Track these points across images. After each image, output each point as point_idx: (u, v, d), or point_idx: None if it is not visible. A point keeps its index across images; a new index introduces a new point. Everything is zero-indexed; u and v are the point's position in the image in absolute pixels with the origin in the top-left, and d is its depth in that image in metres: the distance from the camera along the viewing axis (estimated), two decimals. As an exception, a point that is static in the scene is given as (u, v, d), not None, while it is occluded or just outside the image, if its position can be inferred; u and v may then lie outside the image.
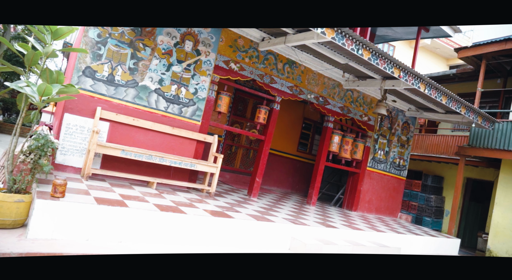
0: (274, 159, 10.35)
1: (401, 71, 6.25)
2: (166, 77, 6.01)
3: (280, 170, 10.55)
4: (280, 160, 10.49)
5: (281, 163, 10.51)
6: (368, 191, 9.43)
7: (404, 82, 6.64)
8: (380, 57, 5.90)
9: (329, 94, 8.27)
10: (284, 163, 10.58)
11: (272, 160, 10.29)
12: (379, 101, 7.48)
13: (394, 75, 6.19)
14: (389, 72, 6.09)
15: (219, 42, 6.51)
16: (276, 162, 10.40)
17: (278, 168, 10.48)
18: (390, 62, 6.07)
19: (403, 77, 6.30)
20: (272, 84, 7.29)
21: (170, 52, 6.02)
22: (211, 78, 6.47)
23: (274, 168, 10.37)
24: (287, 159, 10.62)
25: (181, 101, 6.19)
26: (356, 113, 8.88)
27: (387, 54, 5.87)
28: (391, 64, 6.11)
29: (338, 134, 8.55)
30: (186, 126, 6.28)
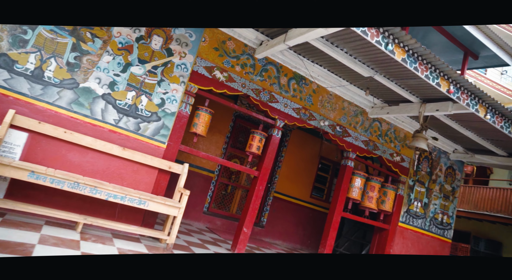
0: (281, 205, 8.31)
1: (451, 84, 4.36)
2: (120, 80, 4.45)
3: (288, 219, 8.43)
4: (288, 207, 8.42)
5: (289, 211, 8.43)
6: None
7: (454, 103, 4.72)
8: (419, 59, 4.09)
9: (350, 123, 6.40)
10: (293, 211, 8.49)
11: (278, 206, 8.26)
12: (416, 132, 5.51)
13: (440, 88, 4.30)
14: (433, 83, 4.22)
15: (200, 42, 4.99)
16: (283, 209, 8.34)
17: (285, 217, 8.38)
18: (434, 69, 4.23)
19: (455, 92, 4.39)
20: (271, 103, 5.57)
21: (130, 48, 4.52)
22: (185, 87, 4.86)
23: (279, 217, 8.28)
24: (297, 207, 8.54)
25: (139, 114, 4.56)
26: (385, 150, 6.87)
27: (431, 55, 4.04)
28: (437, 73, 4.26)
29: (361, 176, 6.51)
30: (145, 148, 4.58)
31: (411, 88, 5.25)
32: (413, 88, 5.22)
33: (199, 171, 7.33)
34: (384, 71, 4.95)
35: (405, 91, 5.38)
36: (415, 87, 5.16)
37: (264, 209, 8.16)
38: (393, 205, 6.96)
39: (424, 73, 4.14)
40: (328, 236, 6.19)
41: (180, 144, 4.88)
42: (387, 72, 4.94)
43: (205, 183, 7.40)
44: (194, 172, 7.26)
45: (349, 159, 6.43)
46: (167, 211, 4.31)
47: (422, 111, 5.40)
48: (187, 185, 6.99)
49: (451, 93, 4.37)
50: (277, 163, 8.29)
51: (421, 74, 4.12)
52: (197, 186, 7.29)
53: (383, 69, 4.87)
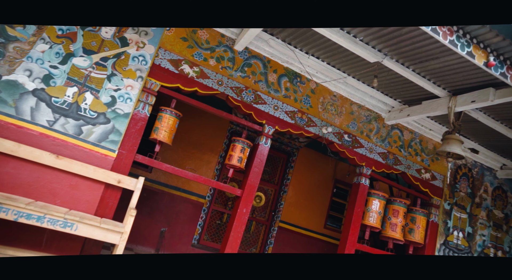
0: (288, 237, 6.95)
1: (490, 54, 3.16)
2: (59, 73, 3.62)
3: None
4: (298, 239, 7.04)
5: (298, 244, 7.03)
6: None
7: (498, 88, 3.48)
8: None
9: (361, 131, 5.19)
10: (304, 244, 7.08)
11: (285, 239, 6.91)
12: (447, 134, 4.21)
13: (473, 60, 3.11)
14: (462, 52, 3.05)
15: (164, 31, 4.14)
16: (291, 242, 6.96)
17: (294, 251, 6.97)
18: (463, 33, 3.07)
19: (497, 66, 3.17)
20: (257, 104, 4.53)
21: (73, 35, 3.73)
22: (143, 83, 3.96)
23: (287, 252, 6.90)
24: (308, 239, 7.13)
25: (82, 115, 3.66)
26: (410, 165, 5.51)
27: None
28: (467, 38, 3.09)
29: (379, 197, 5.15)
30: (88, 157, 3.62)
31: (433, 75, 4.05)
32: (436, 74, 4.02)
33: (187, 196, 6.25)
34: (394, 51, 3.82)
35: (427, 81, 4.17)
36: (439, 73, 3.95)
37: (268, 242, 6.84)
38: (425, 235, 5.45)
39: (447, 38, 2.98)
40: (340, 275, 4.76)
41: (136, 154, 3.89)
42: (399, 52, 3.80)
43: (194, 210, 6.29)
44: (181, 197, 6.20)
45: (362, 175, 5.13)
46: (104, 237, 3.23)
47: (452, 106, 4.14)
48: (172, 212, 5.93)
49: (491, 67, 3.14)
50: (282, 187, 7.06)
51: (444, 39, 2.96)
52: (184, 213, 6.19)
53: (394, 47, 3.75)
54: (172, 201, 6.12)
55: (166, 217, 6.04)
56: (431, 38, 3.27)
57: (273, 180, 7.18)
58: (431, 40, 3.35)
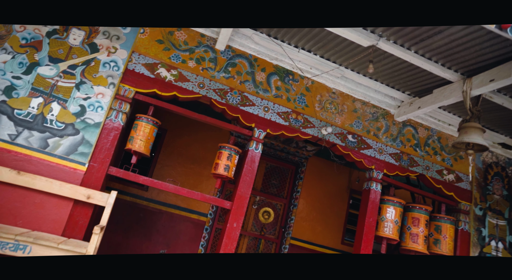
0: (302, 256, 6.29)
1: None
2: (22, 84, 3.39)
3: (315, 276, 6.32)
4: (312, 258, 6.37)
5: (314, 263, 6.35)
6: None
7: None
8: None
9: (368, 130, 4.63)
10: (320, 263, 6.39)
11: (299, 257, 6.26)
12: (464, 122, 3.59)
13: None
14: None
15: (137, 34, 3.87)
16: (305, 261, 6.30)
17: (310, 272, 6.29)
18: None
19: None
20: (244, 106, 4.12)
21: (38, 44, 3.52)
22: (116, 90, 3.66)
23: (301, 272, 6.23)
24: (324, 257, 6.44)
25: (48, 127, 3.38)
26: (429, 166, 4.84)
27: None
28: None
29: (394, 204, 4.50)
30: (54, 171, 3.31)
31: (440, 54, 3.50)
32: (443, 53, 3.46)
33: (187, 215, 5.83)
34: (390, 30, 3.32)
35: (434, 63, 3.62)
36: (446, 51, 3.40)
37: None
38: (455, 246, 4.70)
39: (442, 0, 2.48)
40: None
41: (110, 166, 3.55)
42: (395, 31, 3.30)
43: (196, 229, 5.83)
44: (181, 216, 5.78)
45: (372, 180, 4.52)
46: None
47: (467, 90, 3.54)
48: (172, 233, 5.51)
49: (507, 29, 2.58)
50: (291, 201, 6.50)
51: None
52: (184, 233, 5.75)
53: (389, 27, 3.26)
54: (171, 221, 5.71)
55: (165, 238, 5.62)
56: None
57: (281, 193, 6.64)
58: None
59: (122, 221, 5.45)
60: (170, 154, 5.93)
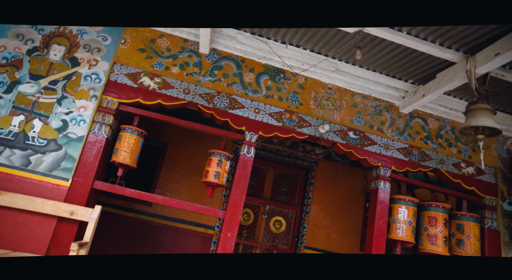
0: (318, 266, 5.92)
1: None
2: (3, 103, 3.38)
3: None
4: (330, 267, 5.97)
5: (331, 273, 5.95)
6: None
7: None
8: None
9: (371, 125, 4.31)
10: (339, 273, 5.99)
11: (315, 268, 5.89)
12: (471, 104, 3.22)
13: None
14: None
15: (119, 45, 3.81)
16: (322, 271, 5.92)
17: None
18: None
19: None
20: (233, 109, 3.93)
21: (18, 62, 3.52)
22: (98, 102, 3.58)
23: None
24: (342, 266, 6.03)
25: (30, 144, 3.33)
26: (444, 159, 4.43)
27: None
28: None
29: (407, 202, 4.11)
30: (37, 189, 3.24)
31: (436, 32, 3.18)
32: (439, 31, 3.15)
33: (193, 228, 5.63)
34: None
35: (430, 43, 3.29)
36: (442, 28, 3.09)
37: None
38: (482, 246, 4.22)
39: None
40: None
41: (96, 181, 3.43)
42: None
43: (203, 243, 5.62)
44: (187, 230, 5.60)
45: (380, 178, 4.17)
46: None
47: (471, 69, 3.19)
48: (178, 248, 5.34)
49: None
50: (303, 208, 6.18)
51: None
52: (191, 248, 5.54)
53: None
54: (177, 236, 5.53)
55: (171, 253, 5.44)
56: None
57: (292, 201, 6.34)
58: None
59: (126, 238, 5.33)
60: (172, 167, 5.80)
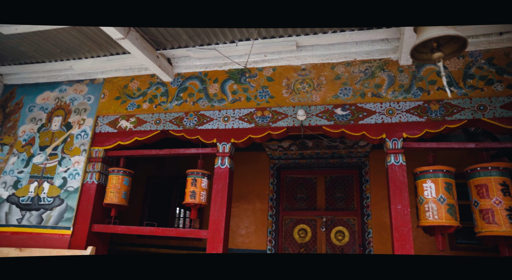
0: (400, 277, 4.80)
1: None
2: (23, 176, 4.13)
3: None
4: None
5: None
6: None
7: None
8: None
9: (362, 94, 3.52)
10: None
11: None
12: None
13: None
14: None
15: (99, 100, 4.27)
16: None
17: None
18: None
19: None
20: (202, 125, 3.82)
21: (32, 140, 4.30)
22: (87, 154, 4.01)
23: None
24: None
25: (42, 204, 3.92)
26: (485, 105, 3.21)
27: None
28: None
29: (432, 174, 3.07)
30: (48, 241, 3.74)
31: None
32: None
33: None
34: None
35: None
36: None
37: None
38: None
39: None
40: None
41: (93, 224, 3.75)
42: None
43: (258, 269, 5.28)
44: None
45: (388, 153, 3.28)
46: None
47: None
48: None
49: None
50: (363, 211, 5.27)
51: None
52: (247, 276, 5.27)
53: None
54: (230, 265, 5.38)
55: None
56: None
57: (351, 206, 5.49)
58: None
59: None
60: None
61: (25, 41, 3.91)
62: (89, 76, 4.41)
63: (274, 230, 5.49)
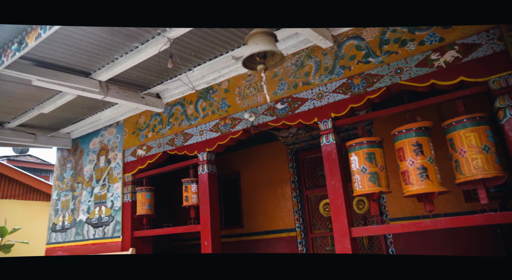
0: (411, 237, 4.84)
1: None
2: (91, 203, 5.70)
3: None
4: (425, 236, 4.73)
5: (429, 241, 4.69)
6: None
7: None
8: None
9: (294, 85, 3.86)
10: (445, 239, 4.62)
11: (408, 240, 4.87)
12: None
13: None
14: None
15: (123, 137, 5.55)
16: (417, 242, 4.77)
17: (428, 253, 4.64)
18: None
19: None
20: (187, 142, 4.69)
21: (91, 177, 5.86)
22: (122, 181, 5.33)
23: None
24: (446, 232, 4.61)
25: (103, 222, 5.41)
26: (401, 67, 3.23)
27: None
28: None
29: (355, 147, 3.28)
30: (109, 248, 5.18)
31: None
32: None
33: (278, 235, 6.09)
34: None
35: None
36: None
37: (389, 251, 5.07)
38: (502, 155, 2.67)
39: None
40: None
41: (134, 231, 5.03)
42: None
43: (290, 246, 5.92)
44: (273, 239, 6.12)
45: (321, 134, 3.59)
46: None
47: None
48: (271, 256, 6.03)
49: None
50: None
51: None
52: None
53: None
54: (267, 246, 6.14)
55: (271, 263, 6.07)
56: None
57: (365, 175, 5.61)
58: None
59: (237, 258, 6.46)
60: (250, 194, 6.65)
61: (66, 110, 5.36)
62: (114, 120, 5.72)
63: (300, 209, 6.01)
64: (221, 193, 7.24)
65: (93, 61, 3.91)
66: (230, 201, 6.99)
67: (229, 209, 7.00)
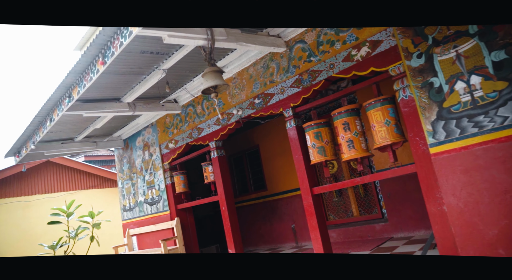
0: (396, 185, 5.83)
1: None
2: (145, 188, 7.49)
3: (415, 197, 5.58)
4: (410, 184, 5.69)
5: (414, 184, 5.66)
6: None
7: None
8: None
9: (264, 83, 4.97)
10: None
11: (393, 187, 5.87)
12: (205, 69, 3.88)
13: None
14: None
15: (158, 135, 7.13)
16: (402, 190, 5.75)
17: (410, 197, 5.62)
18: None
19: None
20: (200, 134, 6.10)
21: (141, 168, 7.61)
22: (162, 168, 6.97)
23: (404, 200, 5.74)
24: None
25: (155, 200, 7.18)
26: (334, 63, 4.19)
27: None
28: None
29: (308, 129, 4.39)
30: (162, 219, 6.95)
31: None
32: None
33: (296, 193, 7.38)
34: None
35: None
36: None
37: (379, 197, 6.15)
38: (400, 126, 3.64)
39: None
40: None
41: (177, 205, 6.70)
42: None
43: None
44: (294, 196, 7.44)
45: (287, 119, 4.72)
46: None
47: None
48: (293, 210, 7.48)
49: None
50: (361, 139, 6.35)
51: None
52: (301, 207, 7.32)
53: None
54: (287, 203, 7.51)
55: (290, 216, 7.47)
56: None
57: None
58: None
59: (262, 217, 7.99)
60: (269, 162, 7.97)
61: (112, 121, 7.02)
62: (149, 122, 7.30)
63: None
64: (248, 164, 8.67)
65: (119, 91, 5.36)
66: (255, 170, 8.41)
67: (255, 177, 8.44)
